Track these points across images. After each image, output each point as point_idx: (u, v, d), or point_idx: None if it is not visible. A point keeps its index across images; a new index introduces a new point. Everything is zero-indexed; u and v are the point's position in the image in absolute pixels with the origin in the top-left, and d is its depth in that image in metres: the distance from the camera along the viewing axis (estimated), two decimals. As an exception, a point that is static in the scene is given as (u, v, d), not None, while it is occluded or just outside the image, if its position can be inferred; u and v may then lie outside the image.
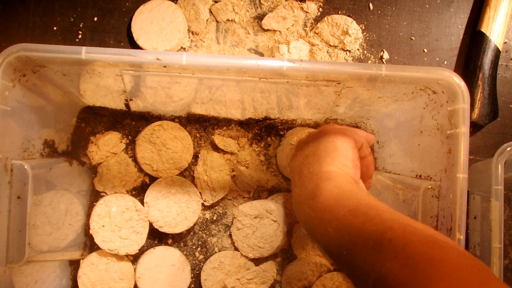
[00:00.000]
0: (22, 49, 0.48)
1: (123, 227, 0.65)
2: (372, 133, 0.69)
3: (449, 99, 0.51)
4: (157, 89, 0.58)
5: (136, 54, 0.49)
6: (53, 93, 0.59)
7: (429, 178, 0.55)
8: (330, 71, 0.50)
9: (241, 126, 0.70)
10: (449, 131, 0.51)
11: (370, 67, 0.50)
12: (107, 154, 0.68)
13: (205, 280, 0.68)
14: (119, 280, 0.66)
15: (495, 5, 0.70)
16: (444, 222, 0.51)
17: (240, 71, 0.50)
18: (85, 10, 0.71)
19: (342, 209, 0.45)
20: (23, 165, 0.52)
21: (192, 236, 0.71)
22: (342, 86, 0.53)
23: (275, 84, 0.55)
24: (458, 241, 0.49)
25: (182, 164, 0.68)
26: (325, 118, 0.67)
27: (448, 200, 0.50)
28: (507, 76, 0.74)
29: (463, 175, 0.49)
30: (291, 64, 0.49)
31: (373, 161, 0.60)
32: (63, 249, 0.63)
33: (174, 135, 0.67)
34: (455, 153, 0.50)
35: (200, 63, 0.49)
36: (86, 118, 0.68)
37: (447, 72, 0.50)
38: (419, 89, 0.54)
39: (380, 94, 0.57)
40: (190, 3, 0.70)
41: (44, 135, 0.59)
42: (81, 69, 0.53)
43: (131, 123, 0.69)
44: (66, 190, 0.64)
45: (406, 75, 0.51)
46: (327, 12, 0.73)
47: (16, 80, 0.51)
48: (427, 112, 0.55)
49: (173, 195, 0.67)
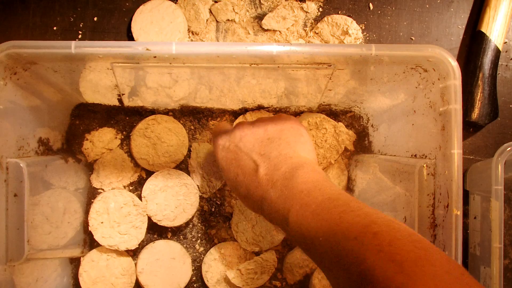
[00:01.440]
0: (12, 46, 0.48)
1: (122, 222, 0.65)
2: (366, 117, 0.69)
3: (440, 76, 0.51)
4: (149, 82, 0.58)
5: (126, 45, 0.49)
6: (46, 91, 0.59)
7: (424, 156, 0.55)
8: (320, 54, 0.50)
9: (236, 117, 0.70)
10: (442, 108, 0.51)
11: (360, 47, 0.50)
12: (102, 151, 0.68)
13: (206, 272, 0.68)
14: (120, 276, 0.66)
15: (495, 5, 0.70)
16: (441, 199, 0.51)
17: (230, 57, 0.50)
18: (85, 10, 0.71)
19: (321, 194, 0.44)
20: (18, 163, 0.52)
21: (192, 229, 0.71)
22: (333, 68, 0.53)
23: (266, 71, 0.55)
24: (456, 217, 0.49)
25: (178, 157, 0.68)
26: (319, 104, 0.67)
27: (444, 176, 0.51)
28: (507, 76, 0.74)
29: (458, 151, 0.49)
30: (281, 48, 0.49)
31: None
32: (63, 247, 0.63)
33: (169, 128, 0.67)
34: (448, 130, 0.50)
35: (190, 51, 0.49)
36: (80, 115, 0.68)
37: (437, 49, 0.50)
38: (410, 68, 0.54)
39: (371, 76, 0.57)
40: (190, 3, 0.70)
41: (38, 133, 0.59)
42: (72, 65, 0.53)
43: (125, 118, 0.69)
44: (63, 189, 0.64)
45: (396, 54, 0.50)
46: (327, 12, 0.73)
47: (7, 78, 0.51)
48: (419, 91, 0.56)
49: (171, 188, 0.67)
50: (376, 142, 0.67)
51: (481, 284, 0.63)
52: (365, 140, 0.70)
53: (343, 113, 0.70)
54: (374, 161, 0.65)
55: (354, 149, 0.71)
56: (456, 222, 0.49)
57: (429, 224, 0.52)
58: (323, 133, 0.68)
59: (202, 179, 0.69)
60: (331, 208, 0.42)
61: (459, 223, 0.49)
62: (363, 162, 0.68)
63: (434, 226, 0.52)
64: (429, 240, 0.52)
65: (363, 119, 0.70)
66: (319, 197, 0.44)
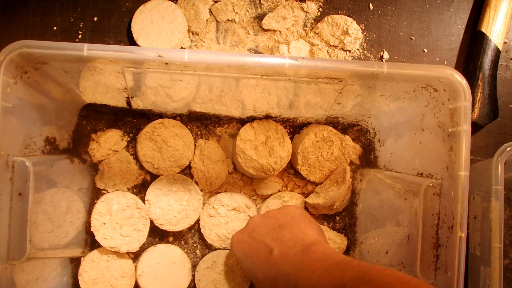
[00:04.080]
0: (24, 45, 0.48)
1: (124, 224, 0.65)
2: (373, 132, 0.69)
3: (451, 97, 0.51)
4: (158, 87, 0.58)
5: (138, 51, 0.49)
6: (55, 90, 0.59)
7: (430, 176, 0.55)
8: (332, 69, 0.50)
9: (243, 125, 0.69)
10: (451, 129, 0.51)
11: (372, 65, 0.50)
12: (108, 152, 0.68)
13: (199, 281, 0.68)
14: (120, 278, 0.66)
15: (495, 5, 0.70)
16: (445, 220, 0.51)
17: (242, 68, 0.50)
18: (85, 10, 0.71)
19: (328, 261, 0.48)
20: (24, 161, 0.52)
21: (193, 234, 0.71)
22: (344, 84, 0.53)
23: (276, 82, 0.55)
24: (460, 239, 0.49)
25: (183, 162, 0.68)
26: (326, 116, 0.67)
27: (449, 197, 0.50)
28: (507, 76, 0.74)
29: (465, 173, 0.49)
30: (293, 62, 0.49)
31: None
32: (64, 247, 0.63)
33: (175, 132, 0.67)
34: (456, 151, 0.50)
35: (202, 60, 0.49)
36: (88, 115, 0.68)
37: (448, 70, 0.50)
38: (420, 87, 0.54)
39: (381, 92, 0.57)
40: (190, 3, 0.70)
41: (45, 132, 0.59)
42: (82, 66, 0.53)
43: (132, 120, 0.69)
44: (67, 188, 0.64)
45: (407, 73, 0.51)
46: (327, 12, 0.73)
47: (18, 77, 0.51)
48: (428, 110, 0.55)
49: (174, 193, 0.67)
50: (382, 157, 0.67)
51: (481, 284, 0.64)
52: (371, 154, 0.70)
53: (350, 126, 0.70)
54: (379, 176, 0.65)
55: (360, 163, 0.71)
56: (460, 243, 0.49)
57: (432, 243, 0.52)
58: (329, 146, 0.68)
59: (203, 177, 0.69)
60: (335, 270, 0.46)
61: (463, 245, 0.49)
62: (368, 176, 0.68)
63: (438, 246, 0.52)
64: (431, 260, 0.52)
65: (369, 133, 0.70)
66: (325, 263, 0.48)
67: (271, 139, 0.66)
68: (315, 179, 0.69)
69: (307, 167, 0.68)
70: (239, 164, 0.67)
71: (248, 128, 0.67)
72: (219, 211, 0.68)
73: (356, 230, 0.70)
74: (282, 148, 0.66)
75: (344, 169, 0.67)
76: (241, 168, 0.67)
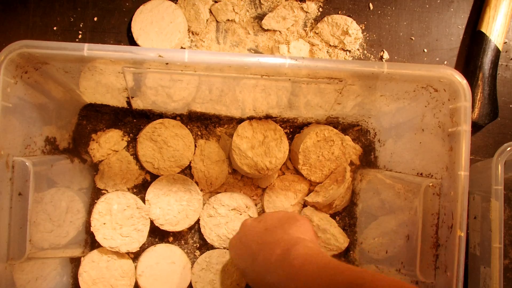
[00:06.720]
0: (25, 45, 0.48)
1: (124, 224, 0.65)
2: (373, 132, 0.69)
3: (451, 97, 0.51)
4: (158, 87, 0.58)
5: (138, 51, 0.49)
6: (55, 90, 0.59)
7: (430, 176, 0.55)
8: (332, 69, 0.50)
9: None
10: (451, 129, 0.51)
11: (372, 65, 0.50)
12: (108, 152, 0.68)
13: (196, 283, 0.68)
14: (120, 278, 0.66)
15: (495, 5, 0.70)
16: (445, 219, 0.51)
17: (242, 68, 0.50)
18: (85, 10, 0.71)
19: (311, 266, 0.47)
20: (24, 161, 0.52)
21: (193, 234, 0.71)
22: (344, 84, 0.53)
23: (276, 82, 0.55)
24: (459, 238, 0.49)
25: (183, 162, 0.68)
26: (327, 116, 0.67)
27: (449, 197, 0.51)
28: (507, 76, 0.74)
29: (465, 173, 0.49)
30: (293, 62, 0.49)
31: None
32: (64, 247, 0.63)
33: (176, 133, 0.67)
34: (456, 151, 0.50)
35: (202, 60, 0.49)
36: (88, 115, 0.68)
37: (449, 70, 0.50)
38: (420, 87, 0.54)
39: (381, 92, 0.57)
40: (190, 3, 0.70)
41: (45, 132, 0.59)
42: (82, 66, 0.53)
43: (133, 120, 0.69)
44: (67, 188, 0.64)
45: (407, 73, 0.51)
46: (327, 12, 0.73)
47: (18, 77, 0.51)
48: (428, 110, 0.55)
49: (175, 193, 0.67)
50: (382, 158, 0.67)
51: (481, 284, 0.65)
52: (371, 154, 0.70)
53: (350, 126, 0.70)
54: (379, 177, 0.65)
55: (360, 163, 0.71)
56: (459, 243, 0.49)
57: (432, 243, 0.52)
58: (330, 145, 0.68)
59: (203, 177, 0.69)
60: (322, 275, 0.45)
61: (462, 244, 0.49)
62: (368, 176, 0.68)
63: (437, 245, 0.52)
64: (431, 259, 0.52)
65: (370, 134, 0.70)
66: (310, 268, 0.46)
67: (269, 139, 0.66)
68: (315, 179, 0.69)
69: (308, 167, 0.68)
70: (234, 161, 0.67)
71: (247, 125, 0.67)
72: (219, 211, 0.68)
73: (356, 230, 0.70)
74: (279, 149, 0.66)
75: (344, 168, 0.67)
76: (236, 165, 0.67)
